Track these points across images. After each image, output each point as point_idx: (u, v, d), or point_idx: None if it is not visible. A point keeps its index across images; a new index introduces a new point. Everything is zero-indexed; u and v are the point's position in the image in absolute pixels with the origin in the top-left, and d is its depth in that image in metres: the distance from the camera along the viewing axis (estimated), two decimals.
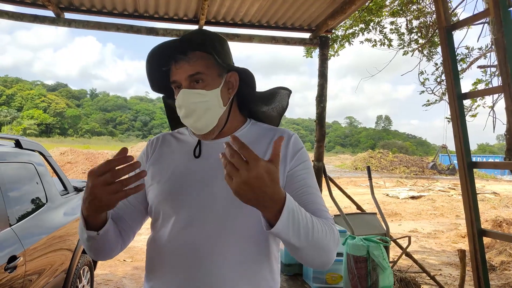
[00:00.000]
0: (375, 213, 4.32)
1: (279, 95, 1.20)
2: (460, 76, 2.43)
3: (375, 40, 7.59)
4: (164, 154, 1.17)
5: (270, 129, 1.17)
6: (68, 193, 3.56)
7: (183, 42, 1.05)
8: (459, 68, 6.35)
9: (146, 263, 1.14)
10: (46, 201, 3.04)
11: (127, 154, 0.89)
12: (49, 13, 4.05)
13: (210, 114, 1.07)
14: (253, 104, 1.20)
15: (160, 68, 1.11)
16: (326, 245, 0.95)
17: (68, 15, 4.09)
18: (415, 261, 4.40)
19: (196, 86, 1.05)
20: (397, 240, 4.41)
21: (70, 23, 4.08)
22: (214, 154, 1.09)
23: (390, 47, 7.51)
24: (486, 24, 5.41)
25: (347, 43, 7.54)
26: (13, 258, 2.29)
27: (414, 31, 7.33)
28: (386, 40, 7.48)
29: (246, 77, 1.12)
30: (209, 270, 1.02)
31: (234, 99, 1.15)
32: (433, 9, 6.52)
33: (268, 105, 1.21)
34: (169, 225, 1.07)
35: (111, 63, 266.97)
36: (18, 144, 3.06)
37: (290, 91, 1.20)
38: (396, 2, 7.12)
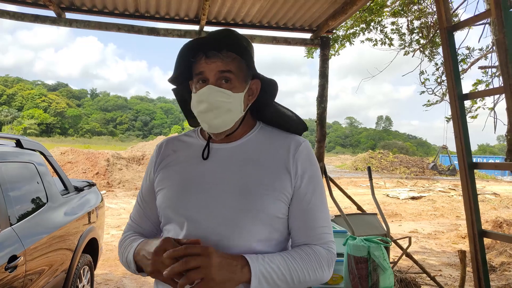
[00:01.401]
0: (376, 214, 4.32)
1: (294, 123, 1.19)
2: (461, 77, 2.43)
3: (376, 39, 7.59)
4: (172, 159, 1.17)
5: (279, 135, 1.15)
6: (68, 192, 3.56)
7: (219, 40, 1.04)
8: (460, 68, 6.34)
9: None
10: (47, 201, 3.04)
11: None
12: (50, 13, 4.06)
13: (229, 116, 1.06)
14: (271, 114, 1.18)
15: (188, 59, 1.08)
16: (313, 278, 1.03)
17: (69, 15, 4.09)
18: (415, 261, 4.39)
19: (223, 85, 1.04)
20: (398, 241, 4.41)
21: (71, 23, 4.08)
22: (221, 157, 1.10)
23: (391, 46, 7.51)
24: (487, 25, 5.41)
25: (347, 42, 7.54)
26: (13, 258, 2.29)
27: (415, 31, 7.33)
28: (387, 40, 7.48)
29: (269, 87, 1.13)
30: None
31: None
32: (434, 9, 6.52)
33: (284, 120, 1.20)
34: (177, 228, 1.07)
35: (112, 63, 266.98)
36: (19, 144, 3.06)
37: (305, 128, 1.19)
38: (397, 3, 7.12)
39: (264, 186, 1.04)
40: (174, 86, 1.19)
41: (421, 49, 7.36)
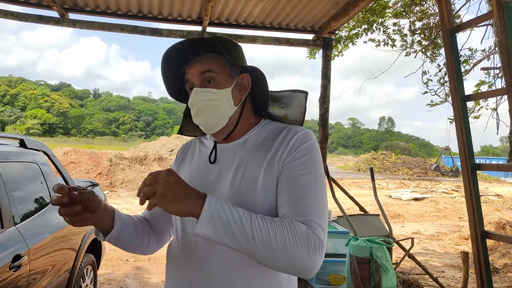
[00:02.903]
0: (378, 215, 4.31)
1: (297, 99, 1.19)
2: (463, 78, 2.42)
3: (378, 40, 7.59)
4: (187, 159, 1.23)
5: (280, 128, 1.13)
6: None
7: (195, 44, 1.07)
8: (462, 69, 6.34)
9: (166, 263, 1.19)
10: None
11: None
12: (54, 14, 4.08)
13: (219, 113, 1.07)
14: (268, 105, 1.18)
15: (175, 71, 1.13)
16: (284, 251, 0.88)
17: (72, 16, 4.11)
18: (418, 263, 4.39)
19: (208, 86, 1.07)
20: (400, 242, 4.40)
21: (74, 23, 4.10)
22: (226, 158, 1.11)
23: (393, 48, 7.51)
24: (489, 26, 5.40)
25: (350, 43, 7.54)
26: (17, 257, 2.31)
27: (417, 32, 7.33)
28: (389, 40, 7.48)
29: (257, 77, 1.12)
30: (219, 278, 1.02)
31: (248, 101, 1.15)
32: (436, 10, 6.51)
33: (286, 109, 1.21)
34: (182, 229, 1.11)
35: (116, 64, 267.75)
36: (22, 144, 3.08)
37: (306, 93, 1.19)
38: (400, 4, 7.12)
39: (257, 183, 1.02)
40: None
41: (423, 50, 7.35)
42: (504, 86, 2.16)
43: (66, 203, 0.94)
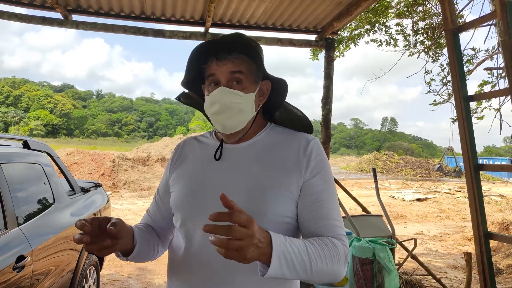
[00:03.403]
0: (381, 215, 4.30)
1: (303, 123, 1.20)
2: (466, 78, 2.42)
3: (380, 40, 7.58)
4: (186, 158, 1.20)
5: (289, 133, 1.16)
6: (75, 193, 3.58)
7: (229, 42, 1.06)
8: (465, 69, 6.32)
9: (168, 265, 1.17)
10: (54, 202, 3.06)
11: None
12: (57, 15, 4.10)
13: (241, 116, 1.08)
14: (277, 111, 1.21)
15: (199, 63, 1.11)
16: (330, 270, 0.96)
17: (75, 17, 4.13)
18: (421, 263, 4.38)
19: (234, 87, 1.06)
20: (403, 243, 4.39)
21: (77, 25, 4.11)
22: (232, 157, 1.11)
23: (396, 47, 7.49)
24: (492, 26, 5.38)
25: (352, 43, 7.53)
26: (21, 258, 2.31)
27: (420, 32, 7.31)
28: (391, 40, 7.46)
29: (279, 87, 1.14)
30: (225, 279, 1.02)
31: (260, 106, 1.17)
32: (439, 10, 6.49)
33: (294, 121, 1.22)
34: (187, 229, 1.09)
35: (119, 65, 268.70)
36: (26, 145, 3.09)
37: (311, 130, 1.20)
38: (402, 4, 7.11)
39: (271, 184, 1.04)
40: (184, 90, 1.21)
41: (425, 50, 7.33)
42: (507, 87, 2.15)
43: (88, 241, 0.89)
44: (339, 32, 4.77)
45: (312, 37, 4.60)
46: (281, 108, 1.19)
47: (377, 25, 7.25)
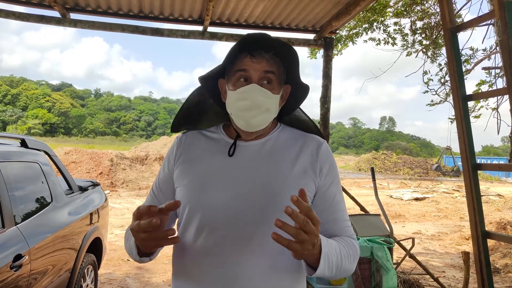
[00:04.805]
0: (379, 215, 4.31)
1: (311, 130, 1.23)
2: (464, 77, 2.42)
3: (379, 39, 7.58)
4: (193, 153, 1.15)
5: (300, 134, 1.19)
6: (73, 192, 3.57)
7: (269, 42, 1.06)
8: (464, 69, 6.32)
9: (173, 262, 1.15)
10: (51, 200, 3.06)
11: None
12: (55, 14, 4.08)
13: (267, 116, 1.08)
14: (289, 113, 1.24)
15: (232, 57, 1.09)
16: (350, 268, 1.05)
17: (74, 16, 4.12)
18: (418, 263, 4.39)
19: (265, 86, 1.07)
20: (401, 242, 4.40)
21: (76, 23, 4.10)
22: (245, 154, 1.11)
23: (394, 47, 7.50)
24: (491, 26, 5.39)
25: (350, 42, 7.53)
26: (18, 257, 2.31)
27: (418, 32, 7.31)
28: (390, 39, 7.47)
29: (297, 93, 1.16)
30: (234, 279, 1.01)
31: None
32: (437, 10, 6.50)
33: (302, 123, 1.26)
34: (195, 225, 1.07)
35: (118, 64, 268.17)
36: (24, 144, 3.08)
37: (321, 139, 1.21)
38: (400, 3, 7.11)
39: (287, 182, 1.05)
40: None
41: (424, 50, 7.34)
42: (505, 86, 2.15)
43: (158, 223, 0.87)
44: (337, 31, 4.76)
45: (311, 36, 4.59)
46: (294, 111, 1.23)
47: (375, 23, 7.25)
